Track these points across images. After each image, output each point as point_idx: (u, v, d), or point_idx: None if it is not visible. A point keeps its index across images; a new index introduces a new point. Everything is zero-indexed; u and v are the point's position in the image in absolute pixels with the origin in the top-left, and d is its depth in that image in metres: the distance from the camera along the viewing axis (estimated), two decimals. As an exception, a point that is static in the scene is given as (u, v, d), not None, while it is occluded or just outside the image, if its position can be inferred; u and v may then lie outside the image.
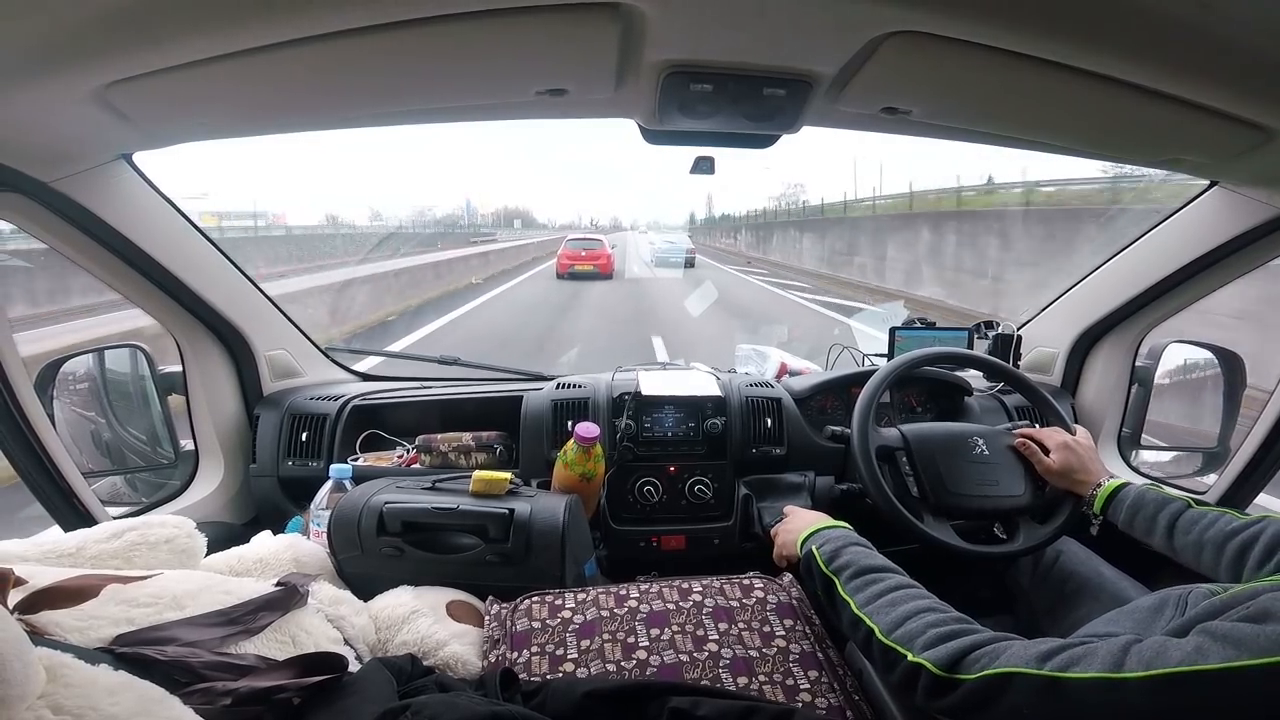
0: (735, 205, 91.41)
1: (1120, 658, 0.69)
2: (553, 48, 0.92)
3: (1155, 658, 0.67)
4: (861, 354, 2.11)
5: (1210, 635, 0.66)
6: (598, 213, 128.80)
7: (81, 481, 1.35)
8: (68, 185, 1.19)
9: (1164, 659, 0.66)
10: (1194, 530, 1.12)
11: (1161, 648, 0.67)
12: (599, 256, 17.37)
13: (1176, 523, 1.16)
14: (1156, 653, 0.67)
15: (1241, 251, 1.46)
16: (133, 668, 0.67)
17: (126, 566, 0.97)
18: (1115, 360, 1.85)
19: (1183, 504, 1.18)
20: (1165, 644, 0.68)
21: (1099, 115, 1.05)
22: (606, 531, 1.66)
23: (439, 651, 1.08)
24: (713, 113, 1.12)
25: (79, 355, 1.62)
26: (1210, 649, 0.64)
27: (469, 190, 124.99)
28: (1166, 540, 1.16)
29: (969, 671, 0.77)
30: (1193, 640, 0.66)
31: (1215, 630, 0.66)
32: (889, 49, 0.87)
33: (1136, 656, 0.68)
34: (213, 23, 0.77)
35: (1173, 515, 1.17)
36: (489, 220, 58.35)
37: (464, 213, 49.27)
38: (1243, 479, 1.54)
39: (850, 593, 0.95)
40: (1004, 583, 1.53)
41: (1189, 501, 1.18)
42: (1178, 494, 1.22)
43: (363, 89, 1.04)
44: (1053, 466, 1.37)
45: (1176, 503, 1.19)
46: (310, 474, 1.66)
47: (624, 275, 17.84)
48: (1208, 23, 0.75)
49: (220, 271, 1.62)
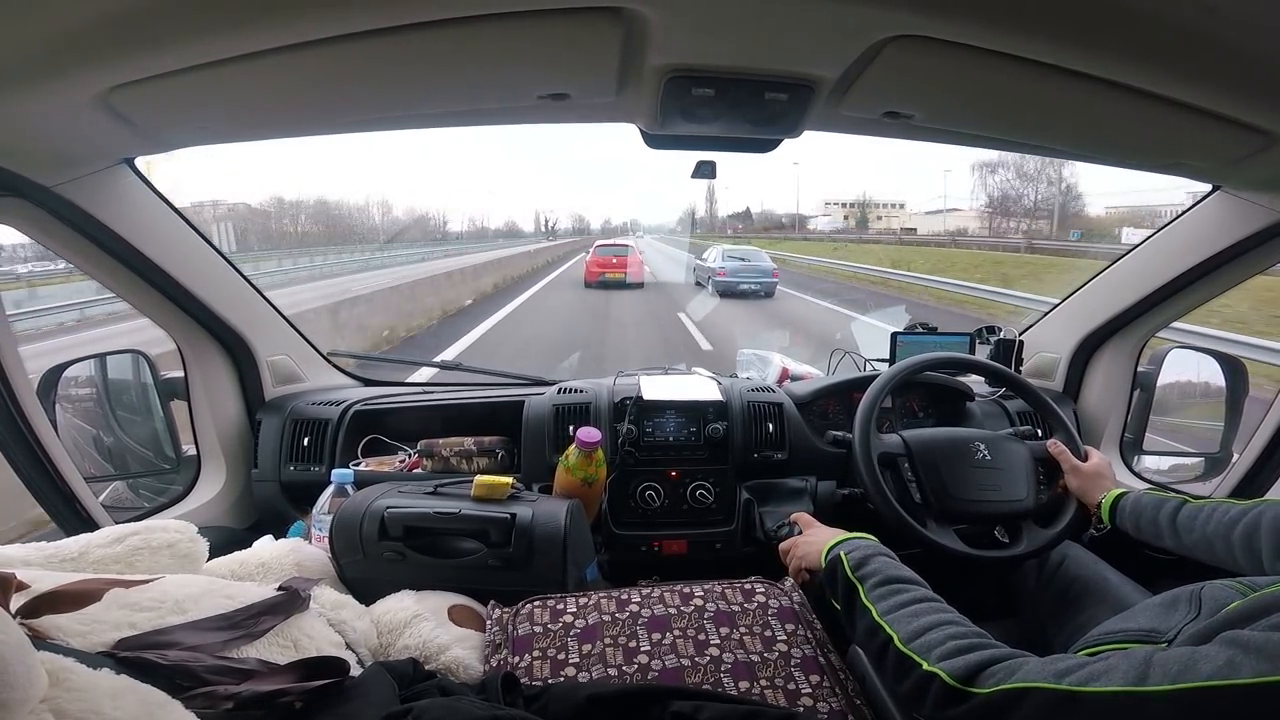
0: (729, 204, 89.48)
1: (1144, 670, 0.65)
2: (554, 52, 0.92)
3: (1182, 671, 0.63)
4: (863, 359, 2.11)
5: (1241, 647, 0.62)
6: (586, 215, 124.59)
7: (84, 486, 1.35)
8: (70, 190, 1.19)
9: (1192, 672, 0.62)
10: (1195, 526, 1.13)
11: (1189, 659, 0.63)
12: (629, 263, 17.18)
13: (1177, 521, 1.17)
14: (1184, 666, 0.63)
15: (1244, 256, 1.46)
16: (135, 672, 0.67)
17: (129, 571, 0.96)
18: (1117, 366, 1.85)
19: (1177, 502, 1.19)
20: (1193, 655, 0.64)
21: (1101, 119, 1.05)
22: (608, 536, 1.66)
23: (441, 655, 1.07)
24: (714, 117, 1.12)
25: (81, 361, 1.62)
26: (1242, 662, 0.60)
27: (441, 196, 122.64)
28: (1175, 540, 1.17)
29: (984, 685, 0.75)
30: (1223, 652, 0.62)
31: (1246, 642, 0.62)
32: (891, 53, 0.87)
33: (1161, 669, 0.64)
34: (215, 27, 0.77)
35: (1171, 515, 1.18)
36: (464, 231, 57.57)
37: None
38: (1245, 484, 1.54)
39: (873, 600, 0.94)
40: (1008, 587, 1.52)
41: (1185, 498, 1.19)
42: (1171, 493, 1.23)
43: (364, 94, 1.04)
44: (1070, 487, 1.41)
45: (1171, 501, 1.20)
46: (312, 479, 1.66)
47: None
48: (1211, 27, 0.75)
49: (222, 276, 1.63)
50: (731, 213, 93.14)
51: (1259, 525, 1.02)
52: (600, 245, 19.23)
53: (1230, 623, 0.69)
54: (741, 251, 18.24)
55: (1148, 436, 1.88)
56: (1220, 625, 0.69)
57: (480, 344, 9.55)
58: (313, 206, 50.79)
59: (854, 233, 32.27)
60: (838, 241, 29.87)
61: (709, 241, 56.26)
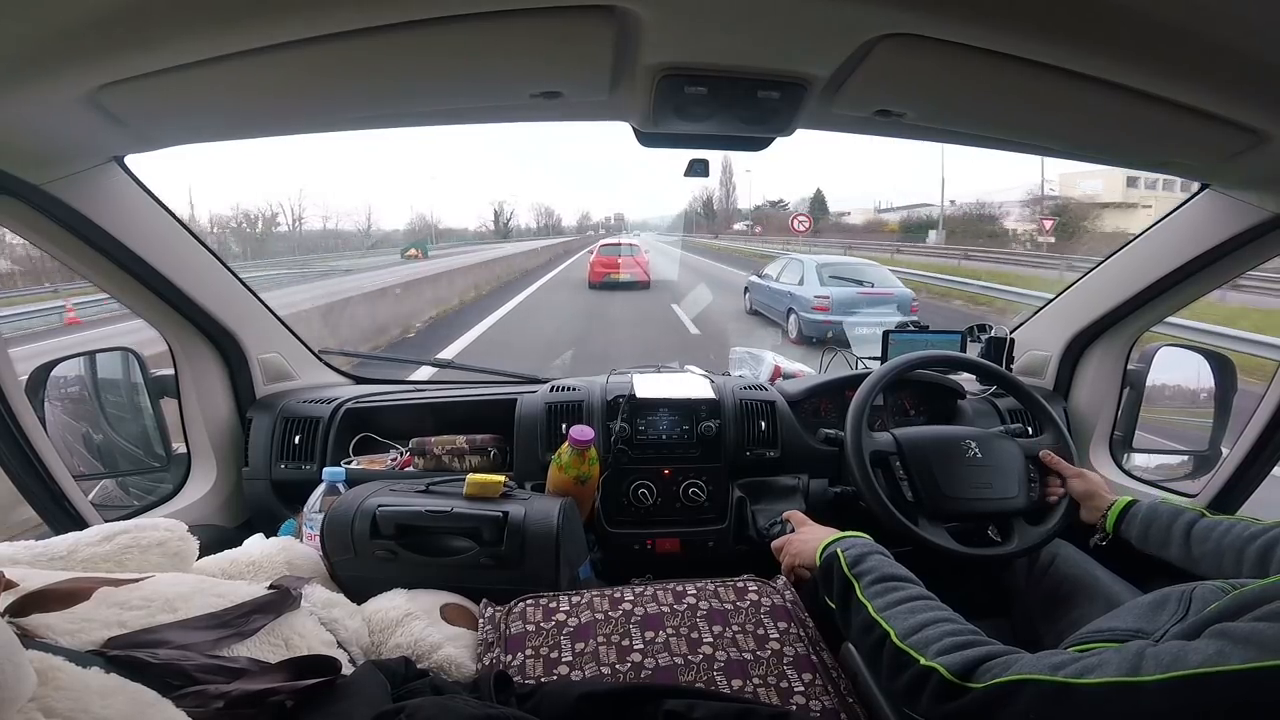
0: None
1: (1136, 662, 0.67)
2: (547, 51, 0.92)
3: (1174, 661, 0.65)
4: (855, 357, 2.12)
5: (1230, 638, 0.64)
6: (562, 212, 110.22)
7: (73, 484, 1.34)
8: (59, 188, 1.18)
9: (1183, 662, 0.64)
10: (1211, 538, 1.14)
11: (1180, 651, 0.66)
12: (636, 263, 16.55)
13: (1192, 532, 1.18)
14: (1175, 657, 0.65)
15: (1233, 254, 1.46)
16: (125, 671, 0.67)
17: (118, 569, 0.96)
18: (1107, 364, 1.86)
19: (1196, 514, 1.20)
20: (1184, 648, 0.66)
21: (1091, 118, 1.05)
22: (601, 534, 1.66)
23: (433, 654, 1.07)
24: (707, 116, 1.12)
25: (70, 358, 1.61)
26: (1231, 651, 0.62)
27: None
28: (1184, 550, 1.18)
29: (980, 680, 0.76)
30: (1212, 644, 0.65)
31: (1235, 632, 0.65)
32: (883, 51, 0.87)
33: (1154, 660, 0.66)
34: (205, 25, 0.77)
35: (1187, 525, 1.19)
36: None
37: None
38: (1234, 481, 1.55)
39: (870, 597, 0.95)
40: (999, 585, 1.53)
41: (1202, 511, 1.20)
42: (1188, 505, 1.24)
43: (355, 92, 1.04)
44: (1073, 490, 1.41)
45: (1190, 513, 1.21)
46: (303, 477, 1.66)
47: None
48: (1200, 26, 0.75)
49: (212, 274, 1.62)
50: (771, 200, 68.27)
51: (1277, 543, 1.03)
52: (604, 245, 18.71)
53: (1214, 619, 0.70)
54: (850, 267, 10.97)
55: (1137, 434, 1.89)
56: (1205, 622, 0.71)
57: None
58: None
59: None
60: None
61: (703, 240, 45.83)
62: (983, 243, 28.74)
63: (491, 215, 67.64)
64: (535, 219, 73.98)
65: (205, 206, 54.82)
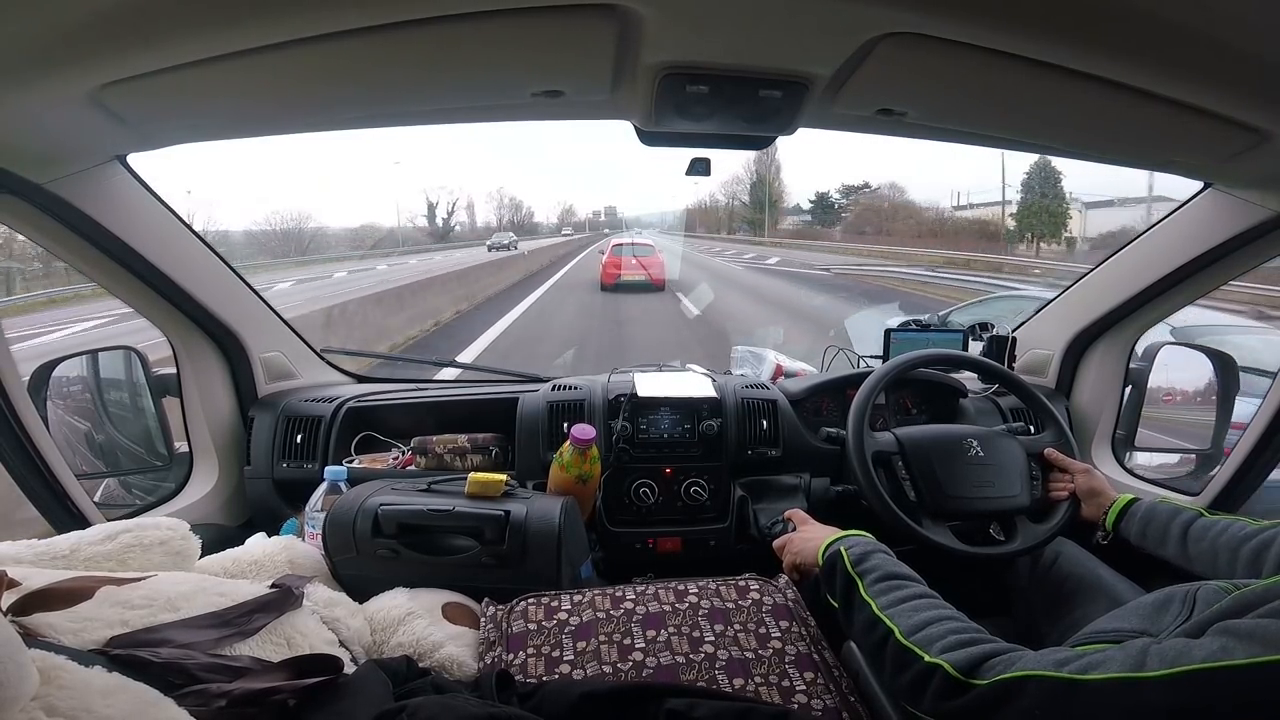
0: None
1: (1140, 659, 0.68)
2: (548, 49, 0.92)
3: (1178, 657, 0.66)
4: (856, 355, 2.11)
5: (1234, 635, 0.65)
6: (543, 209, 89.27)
7: (75, 483, 1.34)
8: (61, 187, 1.18)
9: (1186, 658, 0.65)
10: (1207, 537, 1.15)
11: (1184, 648, 0.67)
12: (651, 264, 15.44)
13: (1189, 531, 1.18)
14: (1179, 653, 0.66)
15: (1236, 253, 1.46)
16: (127, 670, 0.67)
17: (120, 569, 0.96)
18: (1109, 362, 1.86)
19: (1194, 513, 1.21)
20: (1188, 644, 0.67)
21: (1094, 117, 1.05)
22: (602, 533, 1.66)
23: (435, 653, 1.07)
24: (709, 115, 1.12)
25: (72, 357, 1.61)
26: (1235, 647, 0.63)
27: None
28: (1180, 549, 1.18)
29: (984, 677, 0.77)
30: (1216, 640, 0.65)
31: (1238, 629, 0.65)
32: (885, 50, 0.87)
33: (1158, 657, 0.67)
34: (207, 24, 0.77)
35: (1185, 524, 1.20)
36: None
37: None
38: (1236, 480, 1.55)
39: (873, 595, 0.95)
40: (1002, 584, 1.53)
41: (1200, 511, 1.21)
42: (1187, 504, 1.24)
43: (357, 91, 1.04)
44: (1079, 486, 1.41)
45: (1188, 512, 1.21)
46: (305, 476, 1.65)
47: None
48: (1203, 25, 0.75)
49: (214, 273, 1.62)
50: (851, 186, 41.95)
51: (1272, 543, 1.04)
52: (616, 245, 17.58)
53: (1217, 618, 0.71)
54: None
55: (1140, 432, 1.88)
56: (1208, 621, 0.71)
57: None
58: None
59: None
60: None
61: (715, 240, 37.29)
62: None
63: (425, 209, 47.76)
64: (496, 213, 55.57)
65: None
